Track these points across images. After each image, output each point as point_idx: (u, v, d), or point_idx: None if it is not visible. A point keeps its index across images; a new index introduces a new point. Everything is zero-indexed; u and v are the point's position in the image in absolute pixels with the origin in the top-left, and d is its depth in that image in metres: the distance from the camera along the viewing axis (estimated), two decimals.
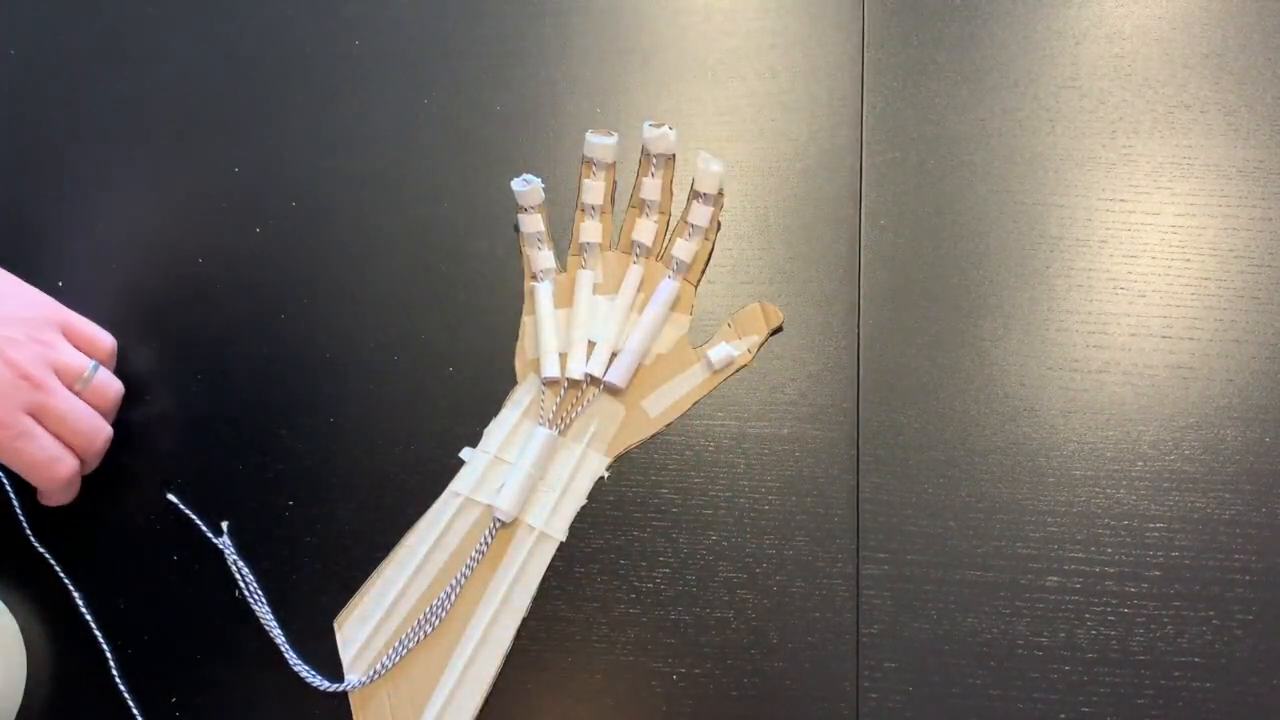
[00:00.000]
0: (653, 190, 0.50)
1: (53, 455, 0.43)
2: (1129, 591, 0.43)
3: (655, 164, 0.50)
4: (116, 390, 0.47)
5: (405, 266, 0.51)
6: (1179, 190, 0.50)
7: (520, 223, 0.50)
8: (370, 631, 0.44)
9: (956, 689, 0.42)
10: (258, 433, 0.48)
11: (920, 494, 0.45)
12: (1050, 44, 0.53)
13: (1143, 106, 0.51)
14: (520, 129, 0.53)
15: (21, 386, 0.42)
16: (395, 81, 0.54)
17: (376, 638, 0.44)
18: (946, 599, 0.43)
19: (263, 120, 0.54)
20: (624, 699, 0.43)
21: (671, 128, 0.49)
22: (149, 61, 0.56)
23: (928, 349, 0.47)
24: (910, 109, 0.52)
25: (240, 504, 0.47)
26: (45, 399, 0.43)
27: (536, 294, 0.49)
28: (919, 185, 0.50)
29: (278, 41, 0.56)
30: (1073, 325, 0.47)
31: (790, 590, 0.44)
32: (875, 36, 0.54)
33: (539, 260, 0.50)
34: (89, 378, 0.45)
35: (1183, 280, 0.48)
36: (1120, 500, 0.44)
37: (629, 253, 0.50)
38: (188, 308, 0.50)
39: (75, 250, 0.52)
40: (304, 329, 0.50)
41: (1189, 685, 0.41)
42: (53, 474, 0.43)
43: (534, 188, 0.49)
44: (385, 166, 0.53)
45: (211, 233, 0.52)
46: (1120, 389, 0.46)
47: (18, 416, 0.42)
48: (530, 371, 0.48)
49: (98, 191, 0.53)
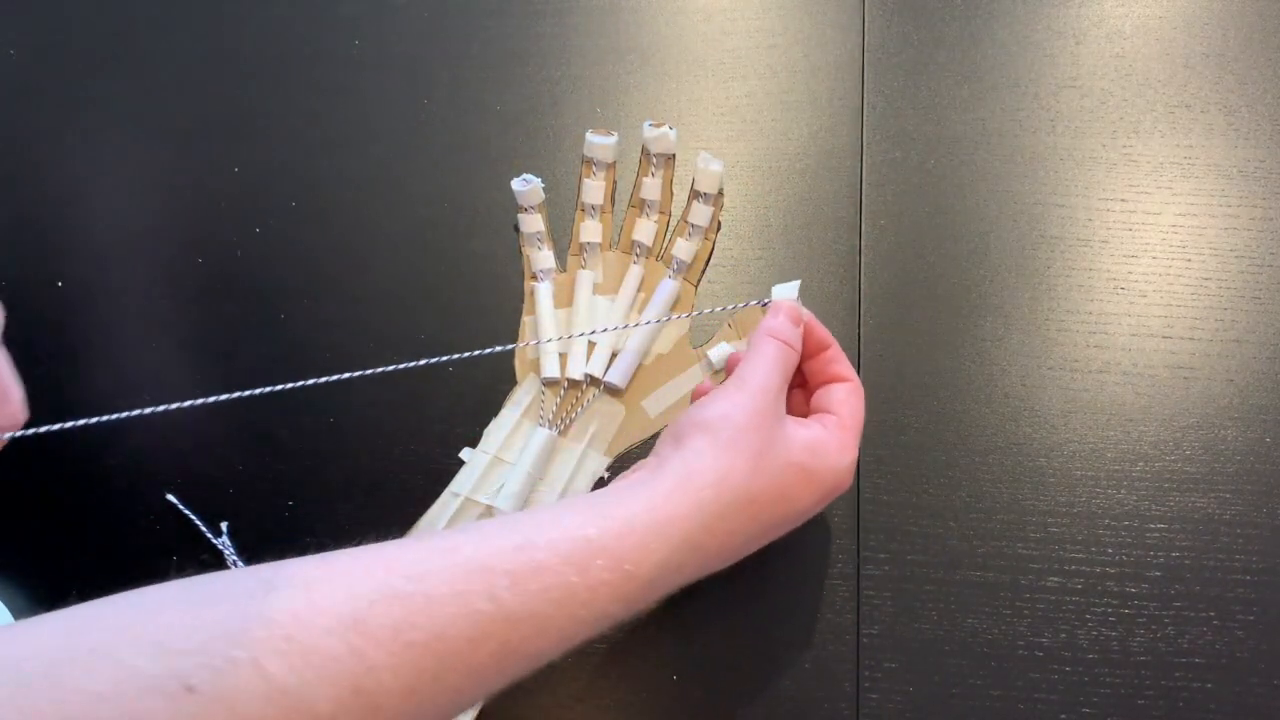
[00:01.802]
0: (653, 190, 0.50)
1: None
2: (1130, 592, 0.43)
3: (655, 164, 0.50)
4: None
5: (405, 266, 0.51)
6: (1180, 190, 0.50)
7: (520, 223, 0.50)
8: None
9: (956, 689, 0.42)
10: (258, 433, 0.48)
11: (920, 494, 0.45)
12: (1050, 44, 0.53)
13: (1143, 106, 0.51)
14: (520, 129, 0.53)
15: None
16: (395, 81, 0.54)
17: None
18: (947, 599, 0.43)
19: (263, 120, 0.54)
20: (624, 699, 0.43)
21: (671, 127, 0.49)
22: (149, 61, 0.56)
23: (928, 349, 0.47)
24: (910, 109, 0.52)
25: (240, 504, 0.47)
26: None
27: (536, 294, 0.49)
28: (919, 185, 0.50)
29: (278, 41, 0.56)
30: (1073, 325, 0.47)
31: (790, 590, 0.44)
32: (875, 36, 0.54)
33: (539, 260, 0.50)
34: None
35: (1183, 280, 0.48)
36: (1121, 501, 0.44)
37: (629, 253, 0.50)
38: (188, 308, 0.50)
39: (75, 250, 0.52)
40: (304, 329, 0.50)
41: (1190, 686, 0.41)
42: None
43: (534, 188, 0.49)
44: (385, 166, 0.53)
45: (211, 233, 0.52)
46: (1121, 389, 0.46)
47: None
48: (530, 371, 0.48)
49: (98, 191, 0.53)
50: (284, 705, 0.24)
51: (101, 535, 0.47)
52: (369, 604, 0.26)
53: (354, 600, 0.26)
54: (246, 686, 0.24)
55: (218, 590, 0.26)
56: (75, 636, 0.24)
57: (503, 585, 0.27)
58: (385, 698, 0.25)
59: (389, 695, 0.25)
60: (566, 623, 0.28)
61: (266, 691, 0.24)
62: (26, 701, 0.22)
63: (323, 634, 0.25)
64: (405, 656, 0.25)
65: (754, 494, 0.33)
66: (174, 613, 0.25)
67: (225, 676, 0.23)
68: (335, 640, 0.25)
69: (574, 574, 0.28)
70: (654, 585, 0.31)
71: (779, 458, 0.34)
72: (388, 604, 0.26)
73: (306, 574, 0.27)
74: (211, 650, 0.24)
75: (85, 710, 0.22)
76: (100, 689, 0.23)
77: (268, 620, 0.25)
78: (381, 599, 0.26)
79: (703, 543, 0.32)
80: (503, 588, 0.27)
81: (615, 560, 0.29)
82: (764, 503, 0.34)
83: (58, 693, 0.22)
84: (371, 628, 0.25)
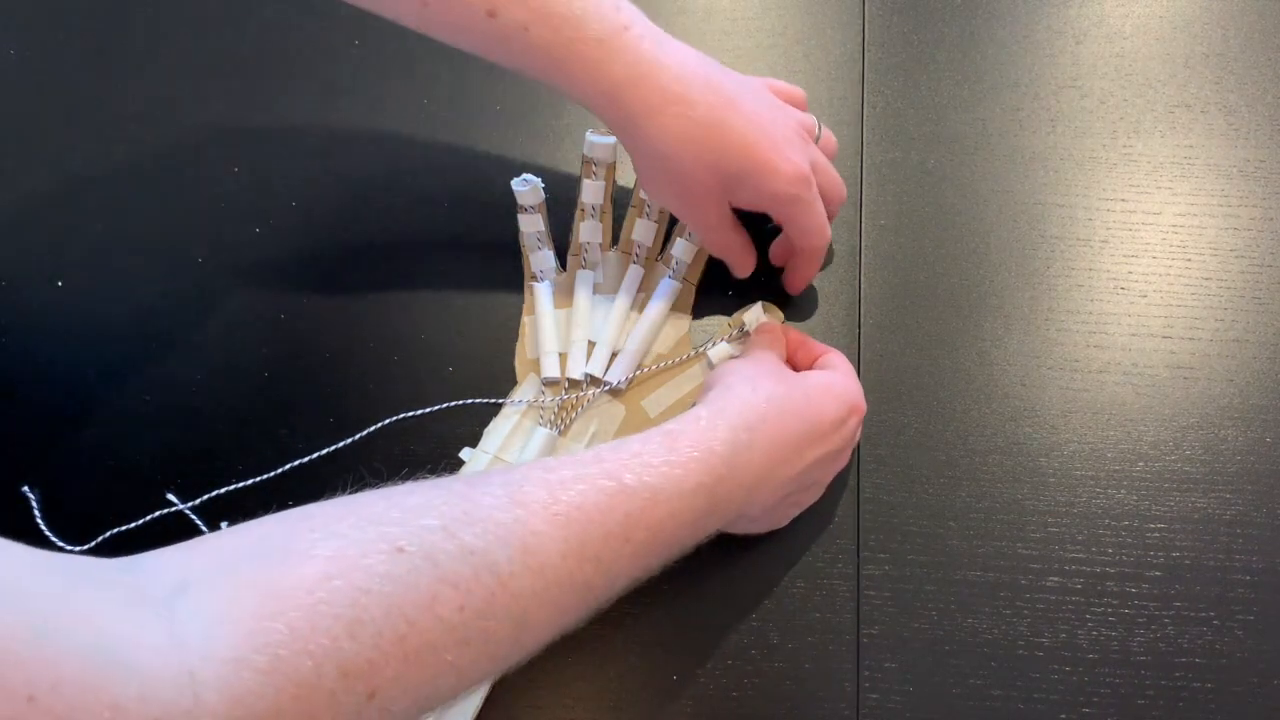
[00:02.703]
0: None
1: (821, 211, 0.44)
2: (1130, 592, 0.43)
3: None
4: (833, 143, 0.48)
5: (405, 266, 0.51)
6: (1180, 190, 0.50)
7: (520, 223, 0.50)
8: None
9: (956, 689, 0.42)
10: (258, 433, 0.48)
11: (920, 494, 0.45)
12: (1050, 44, 0.53)
13: (1143, 106, 0.51)
14: (520, 129, 0.53)
15: (803, 142, 0.43)
16: (395, 81, 0.54)
17: None
18: (947, 599, 0.43)
19: (263, 120, 0.54)
20: (624, 699, 0.43)
21: None
22: (149, 62, 0.56)
23: (928, 349, 0.47)
24: (910, 109, 0.52)
25: (240, 504, 0.47)
26: (814, 154, 0.44)
27: (536, 294, 0.49)
28: (919, 185, 0.50)
29: (278, 41, 0.56)
30: (1073, 325, 0.47)
31: (790, 590, 0.44)
32: (875, 36, 0.54)
33: (539, 260, 0.50)
34: (819, 135, 0.46)
35: (1183, 280, 0.48)
36: (1121, 500, 0.44)
37: (629, 253, 0.50)
38: (188, 308, 0.50)
39: (75, 250, 0.52)
40: (304, 329, 0.50)
41: (1190, 685, 0.41)
42: (825, 229, 0.44)
43: (534, 187, 0.49)
44: (385, 166, 0.53)
45: (211, 233, 0.52)
46: (1121, 389, 0.46)
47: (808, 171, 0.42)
48: (530, 371, 0.48)
49: (98, 191, 0.53)
50: (474, 562, 0.29)
51: (101, 535, 0.47)
52: (520, 485, 0.32)
53: (508, 485, 0.32)
54: (444, 547, 0.29)
55: (406, 487, 0.32)
56: (298, 523, 0.29)
57: (618, 469, 0.34)
58: (547, 557, 0.31)
59: (549, 555, 0.31)
60: (673, 493, 0.35)
61: (459, 551, 0.29)
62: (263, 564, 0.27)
63: (491, 508, 0.31)
64: (555, 523, 0.32)
65: (783, 396, 0.39)
66: (375, 501, 0.31)
67: (426, 540, 0.29)
68: (503, 513, 0.31)
69: (668, 453, 0.35)
70: (731, 464, 0.36)
71: (798, 379, 0.41)
72: (535, 485, 0.32)
73: (462, 480, 0.34)
74: (412, 523, 0.29)
75: (319, 570, 0.27)
76: (328, 554, 0.28)
77: (449, 501, 0.31)
78: (529, 481, 0.33)
79: (755, 428, 0.38)
80: (619, 471, 0.34)
81: (695, 441, 0.36)
82: (794, 407, 0.39)
83: (293, 560, 0.27)
84: (527, 500, 0.32)
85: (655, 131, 0.40)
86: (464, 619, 0.29)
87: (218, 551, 0.28)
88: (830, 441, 0.40)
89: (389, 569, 0.28)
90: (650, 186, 0.44)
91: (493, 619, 0.30)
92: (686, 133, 0.40)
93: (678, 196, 0.43)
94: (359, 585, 0.27)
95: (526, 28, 0.38)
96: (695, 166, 0.41)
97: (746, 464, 0.37)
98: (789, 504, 0.42)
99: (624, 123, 0.41)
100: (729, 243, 0.46)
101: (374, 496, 0.31)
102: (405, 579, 0.28)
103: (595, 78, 0.39)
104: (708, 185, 0.42)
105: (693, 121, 0.40)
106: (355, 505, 0.30)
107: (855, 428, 0.42)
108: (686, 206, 0.44)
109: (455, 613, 0.28)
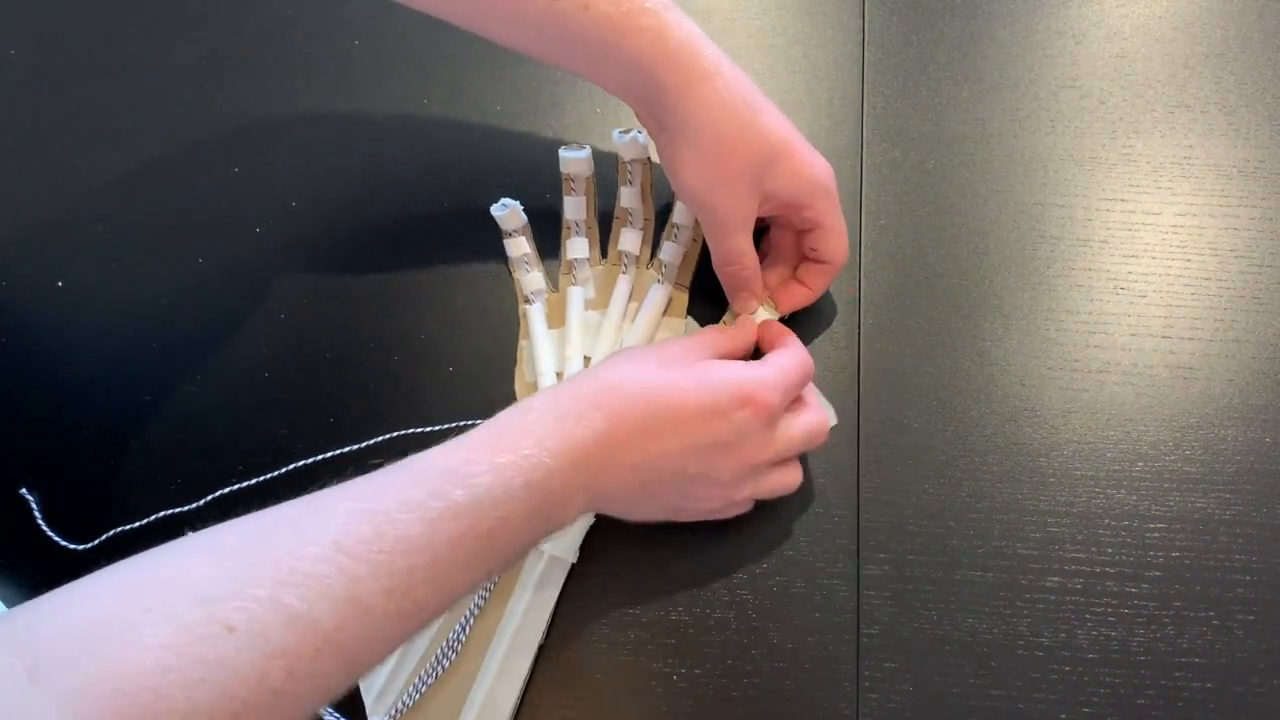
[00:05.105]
0: (631, 198, 0.49)
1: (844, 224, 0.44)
2: (1129, 592, 0.43)
3: (631, 171, 0.49)
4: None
5: (405, 266, 0.50)
6: (1179, 190, 0.50)
7: (506, 247, 0.49)
8: (390, 670, 0.43)
9: (956, 689, 0.42)
10: (258, 433, 0.48)
11: (920, 494, 0.45)
12: (1050, 44, 0.53)
13: (1143, 106, 0.51)
14: (520, 129, 0.53)
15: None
16: (395, 81, 0.54)
17: (397, 676, 0.43)
18: (946, 599, 0.43)
19: (263, 120, 0.54)
20: (624, 699, 0.43)
21: (641, 131, 0.48)
22: (149, 62, 0.56)
23: (928, 349, 0.47)
24: (910, 109, 0.52)
25: (240, 504, 0.47)
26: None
27: (529, 317, 0.48)
28: (919, 185, 0.50)
29: (278, 41, 0.56)
30: (1073, 325, 0.47)
31: (790, 590, 0.44)
32: (875, 36, 0.54)
33: (529, 283, 0.49)
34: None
35: (1183, 280, 0.48)
36: (1121, 500, 0.44)
37: (618, 264, 0.49)
38: (187, 308, 0.50)
39: (75, 250, 0.52)
40: (304, 329, 0.50)
41: (1189, 685, 0.41)
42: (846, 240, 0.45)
43: (513, 211, 0.49)
44: (385, 166, 0.53)
45: (211, 233, 0.52)
46: (1120, 389, 0.46)
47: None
48: (529, 394, 0.47)
49: (98, 191, 0.53)
50: (299, 628, 0.29)
51: (101, 536, 0.47)
52: (344, 525, 0.31)
53: (330, 528, 0.31)
54: (271, 619, 0.29)
55: (230, 539, 0.31)
56: (131, 598, 0.29)
57: (444, 486, 0.33)
58: (373, 600, 0.31)
59: (375, 598, 0.31)
60: (501, 497, 0.34)
61: (286, 619, 0.29)
62: (105, 655, 0.27)
63: (316, 561, 0.30)
64: (380, 565, 0.31)
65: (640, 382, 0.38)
66: (203, 565, 0.30)
67: (254, 614, 0.28)
68: (326, 565, 0.30)
69: (493, 454, 0.34)
70: (561, 454, 0.36)
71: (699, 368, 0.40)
72: (359, 523, 0.31)
73: (291, 514, 0.32)
74: (242, 595, 0.29)
75: (155, 661, 0.27)
76: (163, 642, 0.27)
77: (273, 559, 0.30)
78: (352, 518, 0.31)
79: (587, 415, 0.37)
80: (446, 487, 0.33)
81: (520, 436, 0.35)
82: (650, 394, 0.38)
83: (130, 650, 0.27)
84: (351, 547, 0.31)
85: (709, 94, 0.40)
86: (294, 684, 0.29)
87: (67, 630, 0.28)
88: (700, 433, 0.38)
89: (221, 654, 0.28)
90: (683, 168, 0.42)
91: (322, 673, 0.30)
92: (735, 100, 0.41)
93: (711, 172, 0.42)
94: (194, 678, 0.27)
95: (586, 6, 0.39)
96: (737, 140, 0.41)
97: (580, 451, 0.36)
98: (674, 494, 0.40)
99: (680, 86, 0.40)
100: (741, 250, 0.44)
101: (202, 558, 0.30)
102: (235, 661, 0.28)
103: (655, 41, 0.40)
104: (744, 159, 0.41)
105: (738, 94, 0.41)
106: (184, 569, 0.30)
107: (748, 422, 0.39)
108: (717, 188, 0.42)
109: (285, 680, 0.29)
